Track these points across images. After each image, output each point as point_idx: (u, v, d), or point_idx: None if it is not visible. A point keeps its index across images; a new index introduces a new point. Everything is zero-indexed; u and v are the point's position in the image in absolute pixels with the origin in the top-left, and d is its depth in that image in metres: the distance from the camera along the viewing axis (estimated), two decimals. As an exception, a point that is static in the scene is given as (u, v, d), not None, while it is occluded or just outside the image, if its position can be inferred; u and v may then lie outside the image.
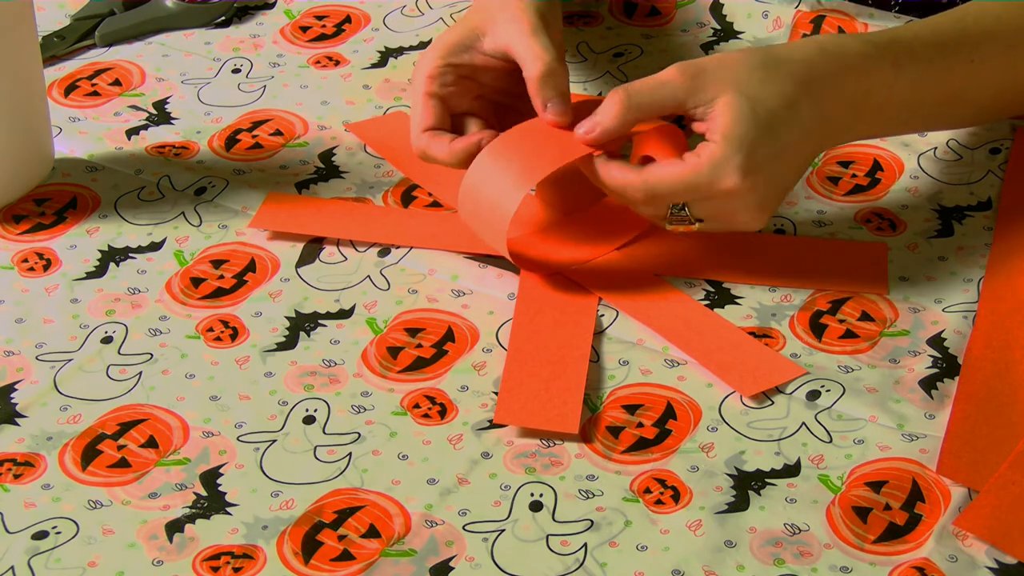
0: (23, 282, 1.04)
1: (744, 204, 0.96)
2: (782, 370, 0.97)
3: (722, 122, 0.95)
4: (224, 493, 0.90)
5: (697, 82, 0.96)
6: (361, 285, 1.03)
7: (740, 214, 0.97)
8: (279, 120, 1.17)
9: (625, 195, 0.97)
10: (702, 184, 0.95)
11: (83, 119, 1.17)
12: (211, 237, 1.07)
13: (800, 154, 0.98)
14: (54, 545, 0.87)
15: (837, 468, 0.91)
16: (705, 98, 0.95)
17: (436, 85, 1.02)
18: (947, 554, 0.86)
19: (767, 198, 0.97)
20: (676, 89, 0.96)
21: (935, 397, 0.96)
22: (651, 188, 0.96)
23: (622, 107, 0.96)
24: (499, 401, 0.94)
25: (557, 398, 0.94)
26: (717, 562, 0.86)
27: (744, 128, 0.94)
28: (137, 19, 1.26)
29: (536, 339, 0.98)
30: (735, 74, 0.96)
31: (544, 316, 1.00)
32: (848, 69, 0.98)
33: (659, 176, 0.96)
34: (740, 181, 0.94)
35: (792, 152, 0.97)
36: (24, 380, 0.97)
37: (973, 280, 1.03)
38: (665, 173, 0.95)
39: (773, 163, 0.96)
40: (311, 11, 1.29)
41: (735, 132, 0.94)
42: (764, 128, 0.95)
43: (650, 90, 0.96)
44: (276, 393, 0.96)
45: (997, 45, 1.02)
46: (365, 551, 0.87)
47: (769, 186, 0.96)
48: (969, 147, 1.14)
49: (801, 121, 0.96)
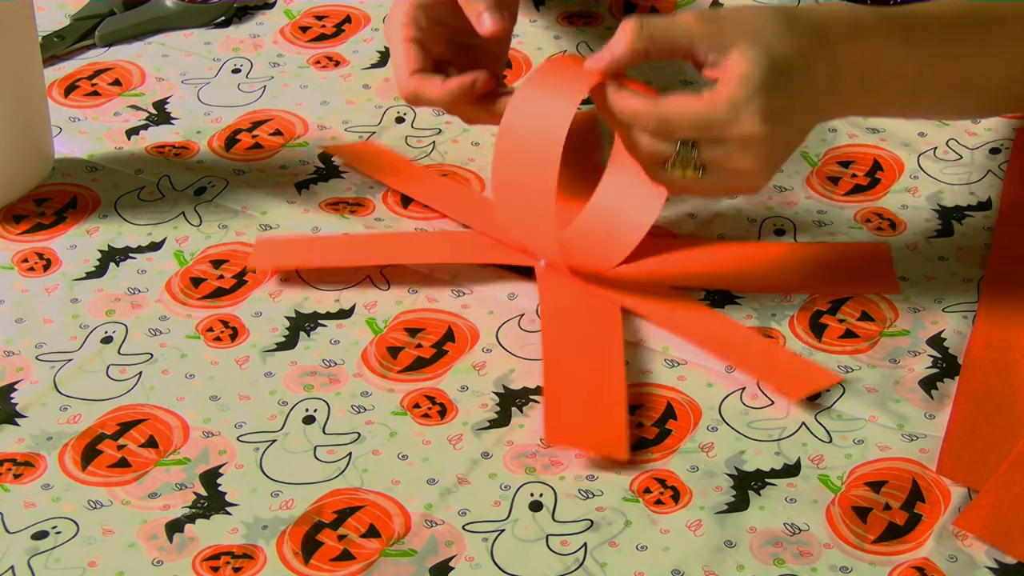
0: (23, 282, 1.04)
1: (755, 155, 0.92)
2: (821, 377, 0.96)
3: (739, 67, 0.91)
4: (224, 493, 0.90)
5: (713, 27, 0.93)
6: (361, 285, 1.03)
7: (748, 165, 0.93)
8: (279, 120, 1.17)
9: (636, 124, 0.94)
10: (718, 122, 0.91)
11: (83, 119, 1.17)
12: (211, 237, 1.07)
13: (809, 112, 0.95)
14: (54, 545, 0.87)
15: (837, 468, 0.91)
16: (720, 44, 0.92)
17: (413, 30, 1.02)
18: (947, 554, 0.86)
19: (776, 153, 0.94)
20: (689, 28, 0.93)
21: (935, 397, 0.96)
22: (664, 119, 0.92)
23: (633, 35, 0.93)
24: (546, 422, 0.93)
25: (603, 419, 0.93)
26: (717, 562, 0.86)
27: (761, 73, 0.91)
28: (137, 19, 1.26)
29: (569, 355, 0.97)
30: (751, 24, 0.93)
31: (573, 330, 0.98)
32: (861, 37, 0.95)
33: (674, 107, 0.92)
34: (759, 125, 0.91)
35: (803, 108, 0.94)
36: (24, 380, 0.97)
37: (973, 280, 1.03)
38: (681, 105, 0.92)
39: (786, 116, 0.92)
40: (311, 11, 1.29)
41: (753, 75, 0.91)
42: (782, 76, 0.91)
43: (665, 24, 0.93)
44: (276, 393, 0.96)
45: (1008, 32, 1.00)
46: (365, 551, 0.87)
47: (782, 138, 0.93)
48: (969, 147, 1.14)
49: (813, 77, 0.93)
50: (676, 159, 0.93)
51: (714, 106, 0.91)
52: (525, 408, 0.95)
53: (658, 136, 0.93)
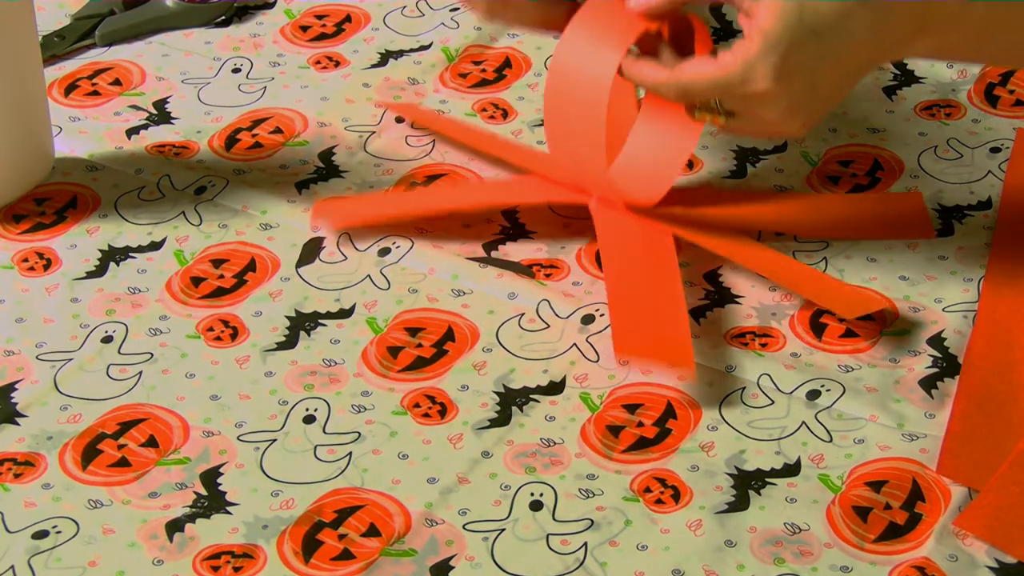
0: (23, 282, 1.04)
1: (776, 107, 0.94)
2: (873, 300, 1.00)
3: (763, 20, 0.91)
4: (224, 492, 0.90)
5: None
6: (361, 284, 1.04)
7: (771, 115, 0.94)
8: (279, 117, 1.17)
9: (658, 93, 0.97)
10: (733, 83, 0.93)
11: (83, 119, 1.17)
12: (211, 236, 1.07)
13: (848, 65, 0.94)
14: (54, 544, 0.87)
15: (837, 468, 0.91)
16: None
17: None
18: (947, 553, 0.86)
19: (801, 103, 0.94)
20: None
21: (935, 397, 0.96)
22: (683, 86, 0.95)
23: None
24: (615, 335, 0.95)
25: (669, 332, 0.96)
26: (717, 561, 0.86)
27: (784, 29, 0.91)
28: (137, 19, 1.26)
29: (629, 277, 1.00)
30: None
31: (630, 256, 1.01)
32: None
33: (690, 75, 0.94)
34: (772, 84, 0.92)
35: (837, 61, 0.93)
36: (24, 380, 0.97)
37: (973, 280, 1.03)
38: (696, 72, 0.94)
39: (813, 68, 0.92)
40: (311, 10, 1.29)
41: (774, 32, 0.91)
42: (808, 32, 0.91)
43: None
44: (276, 393, 0.96)
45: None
46: (365, 550, 0.87)
47: (806, 91, 0.93)
48: (969, 146, 1.14)
49: (852, 31, 0.92)
50: (701, 107, 0.96)
51: (728, 69, 0.93)
52: (525, 407, 0.95)
53: (680, 101, 0.97)
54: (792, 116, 0.95)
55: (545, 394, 0.96)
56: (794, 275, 1.02)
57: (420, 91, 1.20)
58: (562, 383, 0.97)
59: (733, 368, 0.97)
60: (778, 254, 1.04)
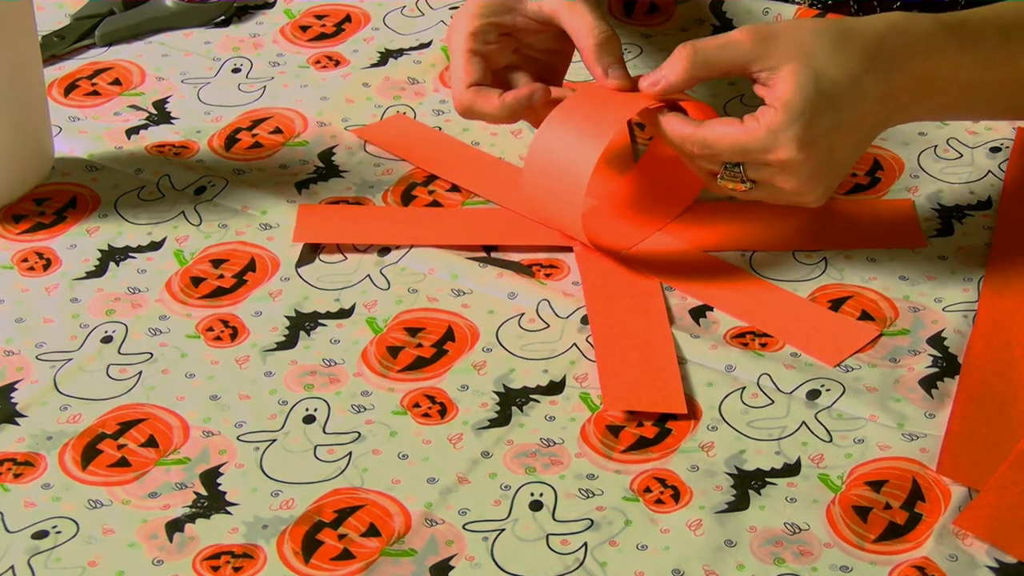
0: (23, 282, 1.04)
1: (796, 175, 0.96)
2: (859, 333, 0.99)
3: (784, 90, 0.94)
4: (224, 492, 0.90)
5: (765, 47, 0.95)
6: (361, 284, 1.04)
7: (791, 184, 0.97)
8: (278, 117, 1.17)
9: (683, 148, 0.98)
10: (756, 148, 0.95)
11: (83, 119, 1.17)
12: (211, 236, 1.07)
13: (860, 131, 0.97)
14: (54, 544, 0.87)
15: (837, 467, 0.91)
16: (771, 64, 0.95)
17: (477, 42, 1.03)
18: (947, 553, 0.86)
19: (821, 172, 0.97)
20: (743, 51, 0.96)
21: (935, 396, 0.96)
22: (708, 144, 0.96)
23: (688, 63, 0.97)
24: (604, 390, 0.95)
25: (657, 379, 0.95)
26: (717, 561, 0.86)
27: (806, 99, 0.94)
28: (137, 19, 1.26)
29: (616, 325, 0.99)
30: (803, 43, 0.95)
31: (616, 303, 1.01)
32: (916, 47, 0.97)
33: (717, 134, 0.96)
34: (795, 152, 0.94)
35: (852, 128, 0.96)
36: (24, 380, 0.97)
37: (973, 280, 1.03)
38: (722, 132, 0.96)
39: (831, 137, 0.95)
40: (311, 10, 1.29)
41: (796, 102, 0.94)
42: (826, 101, 0.94)
43: (716, 48, 0.97)
44: (276, 392, 0.96)
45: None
46: (365, 550, 0.87)
47: (824, 160, 0.96)
48: (969, 146, 1.14)
49: (864, 97, 0.96)
50: (724, 174, 0.98)
51: (754, 135, 0.95)
52: (525, 407, 0.95)
53: (703, 160, 0.98)
54: (812, 185, 0.97)
55: (545, 394, 0.96)
56: (782, 316, 1.00)
57: (420, 91, 1.20)
58: (562, 383, 0.97)
59: (733, 368, 0.97)
60: (768, 287, 1.02)
